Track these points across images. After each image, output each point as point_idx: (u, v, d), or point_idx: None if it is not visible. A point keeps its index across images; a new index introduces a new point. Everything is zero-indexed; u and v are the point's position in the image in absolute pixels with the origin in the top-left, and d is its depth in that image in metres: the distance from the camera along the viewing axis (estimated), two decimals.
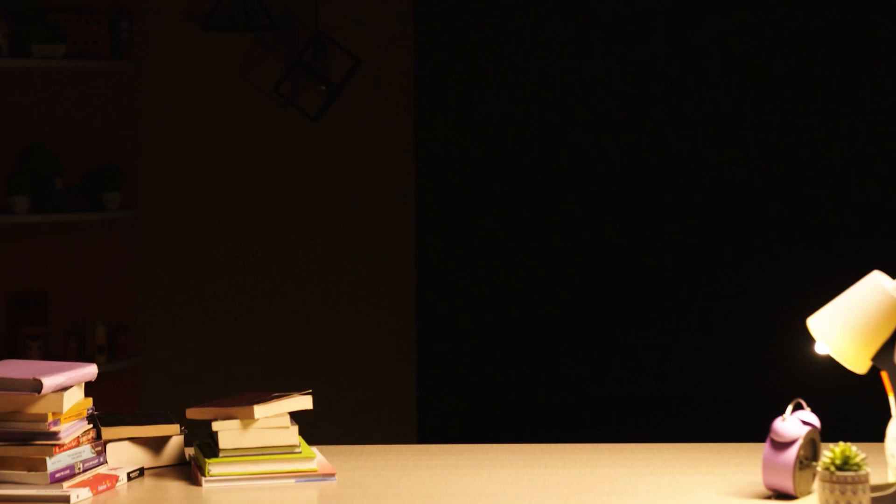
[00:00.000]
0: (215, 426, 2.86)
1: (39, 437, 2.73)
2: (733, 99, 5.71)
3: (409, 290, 5.80)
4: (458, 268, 5.77)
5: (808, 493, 2.67)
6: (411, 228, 5.79)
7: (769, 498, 2.67)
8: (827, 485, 2.49)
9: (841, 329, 2.64)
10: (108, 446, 2.92)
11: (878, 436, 2.71)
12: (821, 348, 2.70)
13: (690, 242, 5.73)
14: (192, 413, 2.93)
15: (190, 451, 3.00)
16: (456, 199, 5.74)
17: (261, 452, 2.86)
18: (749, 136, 5.71)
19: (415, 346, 5.79)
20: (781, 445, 2.63)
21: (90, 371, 2.83)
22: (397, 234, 5.80)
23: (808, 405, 2.70)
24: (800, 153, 5.67)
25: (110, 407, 3.20)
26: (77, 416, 2.80)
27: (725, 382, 5.63)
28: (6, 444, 2.73)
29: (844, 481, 2.47)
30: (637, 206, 5.77)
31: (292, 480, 2.85)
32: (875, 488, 2.56)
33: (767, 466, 2.64)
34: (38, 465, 2.72)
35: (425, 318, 5.79)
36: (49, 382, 2.70)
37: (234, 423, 2.86)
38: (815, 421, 2.69)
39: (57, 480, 2.73)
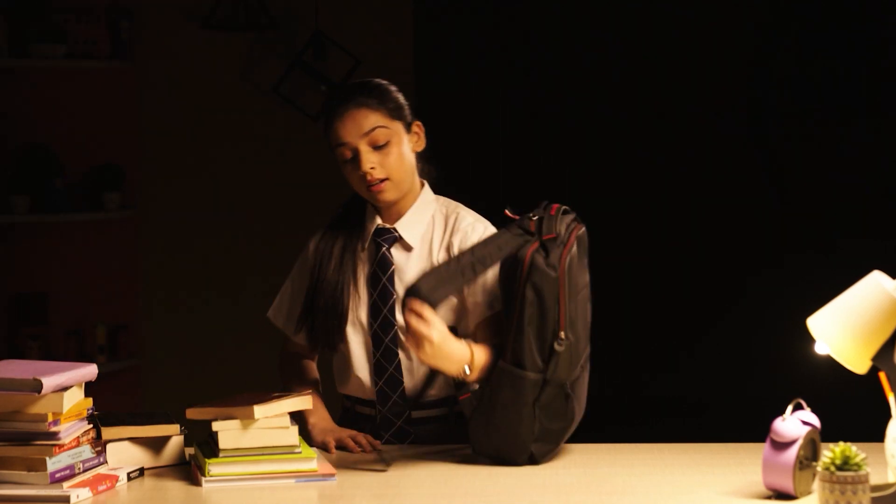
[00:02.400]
0: (215, 426, 2.86)
1: (39, 437, 2.73)
2: (732, 97, 5.71)
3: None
4: None
5: (808, 493, 2.67)
6: None
7: (769, 498, 2.67)
8: (827, 485, 2.49)
9: (841, 329, 2.64)
10: (108, 446, 2.92)
11: (878, 436, 2.71)
12: (821, 348, 2.70)
13: (687, 243, 5.73)
14: (192, 413, 2.92)
15: (190, 451, 3.00)
16: (456, 200, 5.73)
17: (261, 452, 2.85)
18: (748, 135, 5.71)
19: None
20: (781, 445, 2.63)
21: (90, 371, 2.83)
22: None
23: (808, 405, 2.70)
24: (800, 152, 5.67)
25: (110, 407, 3.20)
26: (77, 416, 2.80)
27: (725, 382, 5.63)
28: (6, 444, 2.73)
29: (844, 481, 2.47)
30: (635, 208, 5.77)
31: (292, 480, 2.85)
32: (875, 488, 2.56)
33: (767, 466, 2.64)
34: (38, 465, 2.72)
35: None
36: (49, 382, 2.70)
37: (235, 424, 2.85)
38: (815, 421, 2.69)
39: (57, 480, 2.73)
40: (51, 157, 5.51)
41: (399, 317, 3.15)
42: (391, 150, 3.16)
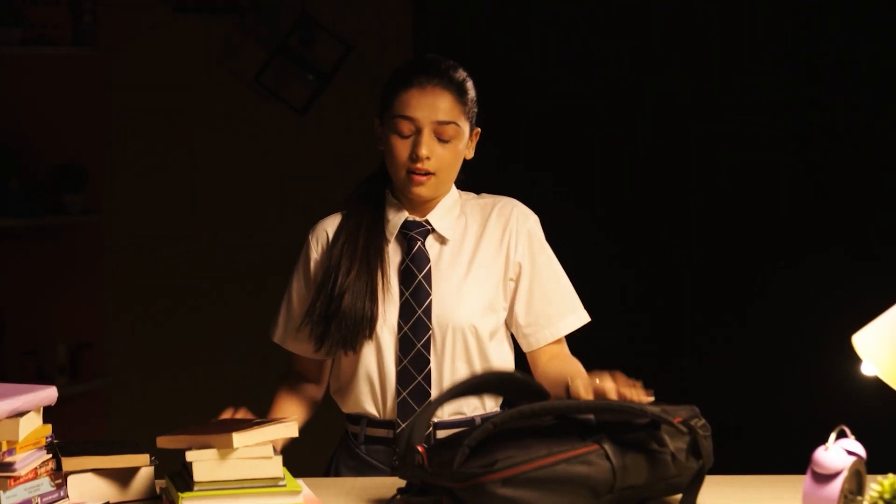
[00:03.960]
0: (189, 456, 2.84)
1: None
2: (770, 91, 5.71)
3: None
4: None
5: None
6: None
7: None
8: None
9: (890, 347, 2.64)
10: (70, 478, 2.91)
11: None
12: (867, 369, 2.69)
13: (719, 252, 5.73)
14: (164, 442, 2.91)
15: (161, 484, 2.99)
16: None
17: (241, 486, 2.83)
18: (786, 135, 5.71)
19: None
20: (824, 478, 2.62)
21: (49, 394, 2.82)
22: None
23: (853, 433, 2.70)
24: (840, 152, 5.66)
25: (72, 435, 3.20)
26: (35, 444, 2.79)
27: (761, 407, 5.62)
28: None
29: None
30: (662, 212, 5.76)
31: None
32: None
33: (808, 501, 2.64)
34: None
35: None
36: (3, 407, 2.69)
37: (211, 453, 2.83)
38: (861, 450, 2.68)
39: None
40: (6, 156, 5.49)
41: (435, 319, 3.18)
42: (451, 148, 3.21)
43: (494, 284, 3.25)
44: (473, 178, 3.38)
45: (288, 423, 2.93)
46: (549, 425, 2.87)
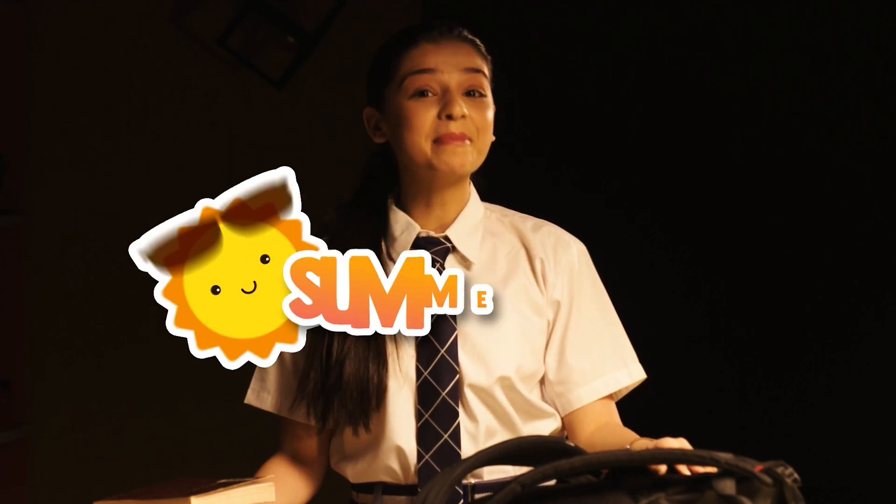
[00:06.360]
0: None
1: None
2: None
3: None
4: None
5: None
6: None
7: None
8: None
9: None
10: None
11: None
12: None
13: (822, 268, 5.76)
14: None
15: None
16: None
17: None
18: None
19: None
20: None
21: None
22: None
23: None
24: None
25: None
26: None
27: (866, 465, 5.64)
28: None
29: None
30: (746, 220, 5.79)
31: None
32: None
33: None
34: None
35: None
36: None
37: None
38: None
39: None
40: None
41: (463, 360, 3.16)
42: (485, 107, 3.19)
43: (535, 320, 3.23)
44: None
45: (263, 484, 2.97)
46: (591, 483, 2.80)
